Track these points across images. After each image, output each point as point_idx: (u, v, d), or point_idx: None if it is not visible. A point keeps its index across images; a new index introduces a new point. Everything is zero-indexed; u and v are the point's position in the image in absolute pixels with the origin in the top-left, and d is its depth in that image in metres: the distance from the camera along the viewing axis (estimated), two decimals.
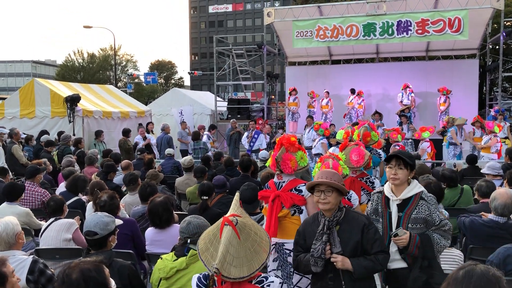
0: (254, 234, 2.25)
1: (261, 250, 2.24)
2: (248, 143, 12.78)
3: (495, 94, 15.29)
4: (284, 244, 3.79)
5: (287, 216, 3.82)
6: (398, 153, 3.24)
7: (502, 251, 3.30)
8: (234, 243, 2.17)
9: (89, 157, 8.52)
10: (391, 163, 3.22)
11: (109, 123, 12.98)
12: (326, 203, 2.96)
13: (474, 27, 14.27)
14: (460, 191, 5.49)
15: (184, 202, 6.93)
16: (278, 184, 3.94)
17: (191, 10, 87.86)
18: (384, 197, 3.32)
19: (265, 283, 2.26)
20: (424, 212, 3.15)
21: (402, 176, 3.18)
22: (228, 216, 2.26)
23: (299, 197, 3.80)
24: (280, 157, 3.84)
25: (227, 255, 2.14)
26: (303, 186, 3.76)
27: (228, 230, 2.18)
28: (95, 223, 3.24)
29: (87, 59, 57.56)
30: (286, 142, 3.93)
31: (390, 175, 3.20)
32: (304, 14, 15.13)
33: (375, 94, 17.40)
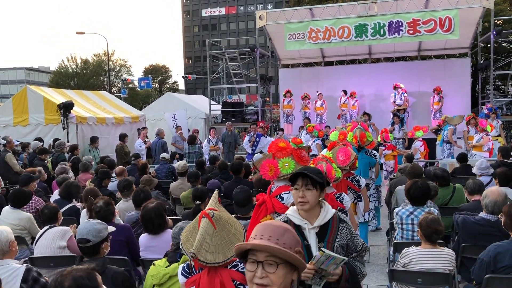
0: (229, 225, 2.56)
1: (236, 239, 2.51)
2: (250, 147, 12.75)
3: (487, 92, 15.39)
4: None
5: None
6: (304, 170, 2.64)
7: (493, 248, 3.33)
8: (210, 233, 2.46)
9: (84, 164, 8.50)
10: (297, 183, 2.61)
11: (103, 129, 12.96)
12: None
13: (465, 26, 14.37)
14: (452, 190, 5.53)
15: (179, 207, 6.94)
16: (272, 189, 3.88)
17: (184, 14, 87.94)
18: (293, 227, 2.55)
19: (239, 267, 2.53)
20: (346, 236, 2.66)
21: (312, 198, 2.58)
22: (205, 210, 2.56)
23: (280, 204, 3.68)
24: (260, 161, 3.83)
25: (203, 243, 2.42)
26: (287, 193, 3.67)
27: (205, 221, 2.49)
28: (88, 231, 3.25)
29: (81, 65, 57.42)
30: (274, 147, 3.85)
31: (298, 198, 2.58)
32: (296, 16, 15.19)
33: (368, 95, 17.49)
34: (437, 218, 3.72)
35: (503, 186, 5.33)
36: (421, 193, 4.33)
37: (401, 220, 4.46)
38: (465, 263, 4.14)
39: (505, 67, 17.73)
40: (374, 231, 7.45)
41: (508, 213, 3.35)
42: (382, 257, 6.31)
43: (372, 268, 5.99)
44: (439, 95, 15.36)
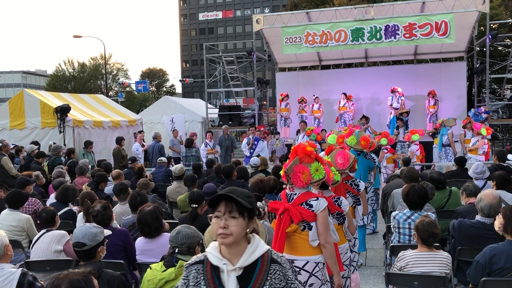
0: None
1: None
2: (248, 150, 12.77)
3: (483, 96, 15.45)
4: (294, 262, 3.49)
5: (296, 232, 3.50)
6: (230, 191, 2.04)
7: (488, 250, 3.35)
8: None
9: (80, 167, 8.48)
10: (218, 209, 2.03)
11: (100, 133, 12.96)
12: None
13: (461, 30, 14.45)
14: (448, 193, 5.54)
15: (176, 211, 6.93)
16: (289, 196, 3.60)
17: (181, 17, 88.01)
18: (209, 268, 2.09)
19: None
20: (279, 283, 2.08)
21: (237, 230, 2.00)
22: None
23: (309, 212, 3.46)
24: (291, 169, 3.47)
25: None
26: (315, 200, 3.48)
27: None
28: (84, 234, 3.25)
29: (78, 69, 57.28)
30: (300, 152, 3.54)
31: (218, 229, 2.01)
32: (293, 20, 15.24)
33: (365, 98, 17.55)
34: (434, 221, 3.73)
35: (499, 189, 5.35)
36: (419, 197, 4.35)
37: (398, 224, 4.47)
38: (461, 266, 4.15)
39: (500, 70, 17.79)
40: (371, 234, 7.46)
41: (507, 217, 3.36)
42: (379, 260, 6.32)
43: (369, 271, 5.99)
44: (434, 99, 15.46)
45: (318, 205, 3.47)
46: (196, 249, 3.18)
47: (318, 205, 3.47)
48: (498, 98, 16.35)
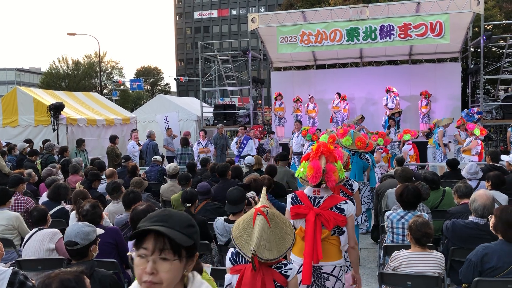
0: (281, 223, 2.67)
1: (287, 236, 2.62)
2: (237, 149, 12.78)
3: (477, 96, 15.53)
4: (322, 268, 3.42)
5: (326, 237, 3.43)
6: (162, 221, 1.51)
7: (480, 249, 3.37)
8: (266, 230, 2.55)
9: (73, 166, 8.43)
10: (145, 245, 1.49)
11: (93, 131, 12.89)
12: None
13: (456, 30, 14.50)
14: (442, 193, 5.55)
15: None
16: (313, 199, 3.46)
17: (177, 16, 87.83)
18: None
19: (283, 269, 2.60)
20: None
21: (170, 276, 1.47)
22: (259, 207, 2.63)
23: (341, 217, 3.37)
24: (325, 168, 3.34)
25: (261, 240, 2.49)
26: (345, 204, 3.42)
27: (261, 219, 2.56)
28: (76, 233, 3.22)
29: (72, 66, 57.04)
30: (326, 151, 3.41)
31: (143, 275, 1.47)
32: (288, 19, 15.23)
33: (360, 98, 17.58)
34: (427, 221, 3.73)
35: (494, 189, 5.37)
36: (413, 197, 4.35)
37: (391, 223, 4.47)
38: (454, 266, 4.16)
39: (495, 71, 17.88)
40: (365, 234, 7.46)
41: (499, 217, 3.38)
42: (373, 260, 6.32)
43: (362, 271, 5.99)
44: (427, 99, 15.56)
45: (349, 208, 3.43)
46: None
47: (348, 208, 3.43)
48: (492, 99, 16.43)
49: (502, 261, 3.29)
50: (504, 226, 3.33)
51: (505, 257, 3.28)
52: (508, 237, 3.33)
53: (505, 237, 3.33)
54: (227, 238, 4.59)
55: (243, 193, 4.71)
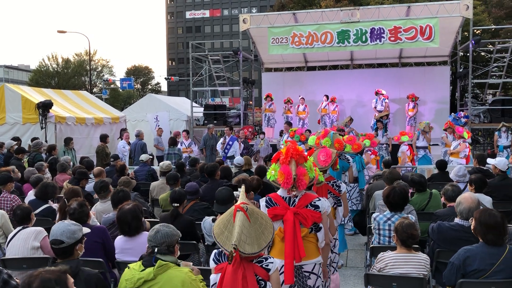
0: (261, 218, 2.77)
1: (267, 231, 2.71)
2: (222, 149, 12.79)
3: (465, 100, 15.70)
4: (303, 267, 3.46)
5: (305, 236, 3.46)
6: None
7: (462, 252, 3.40)
8: (246, 225, 2.64)
9: (61, 164, 8.37)
10: None
11: (82, 129, 12.80)
12: None
13: (445, 34, 14.65)
14: (429, 196, 5.59)
15: (158, 209, 6.88)
16: (288, 199, 3.52)
17: (168, 15, 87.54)
18: None
19: (264, 263, 2.69)
20: None
21: None
22: (238, 204, 2.73)
23: (317, 214, 3.45)
24: (296, 174, 3.40)
25: (241, 235, 2.58)
26: (319, 201, 3.50)
27: (240, 215, 2.65)
28: (62, 232, 3.20)
29: (62, 64, 56.50)
30: (295, 154, 3.47)
31: None
32: (280, 21, 15.26)
33: (349, 100, 17.69)
34: (413, 223, 3.77)
35: (478, 192, 5.43)
36: (399, 198, 4.39)
37: (378, 225, 4.49)
38: (439, 268, 4.19)
39: (483, 75, 18.09)
40: (352, 235, 7.50)
41: (478, 220, 3.42)
42: (360, 261, 6.36)
43: (349, 272, 6.03)
44: (414, 102, 15.74)
45: (323, 204, 3.51)
46: (175, 247, 3.15)
47: (323, 205, 3.51)
48: (480, 103, 16.60)
49: (484, 263, 3.32)
50: (483, 228, 3.37)
51: (486, 260, 3.31)
52: (487, 239, 3.36)
53: (485, 240, 3.38)
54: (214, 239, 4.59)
55: (232, 193, 4.70)
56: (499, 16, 26.43)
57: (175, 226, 3.44)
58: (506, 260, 3.28)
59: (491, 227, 3.34)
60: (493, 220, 3.35)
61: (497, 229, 3.33)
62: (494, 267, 3.29)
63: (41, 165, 8.25)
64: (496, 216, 3.36)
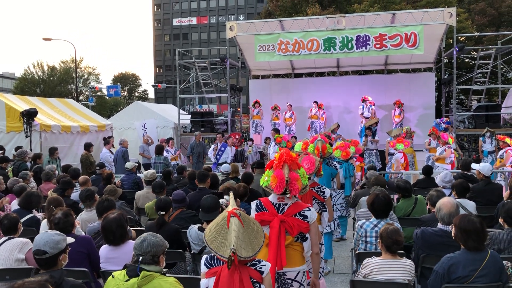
0: (252, 223, 2.84)
1: (259, 235, 2.79)
2: (214, 156, 12.77)
3: (450, 106, 15.90)
4: (286, 274, 3.49)
5: (290, 243, 3.48)
6: None
7: (446, 260, 3.41)
8: (241, 230, 2.70)
9: (46, 173, 8.28)
10: None
11: (67, 138, 12.69)
12: None
13: (430, 41, 14.85)
14: (414, 201, 5.64)
15: (144, 218, 6.83)
16: (277, 206, 3.52)
17: (155, 22, 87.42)
18: None
19: (257, 266, 2.77)
20: None
21: None
22: (231, 210, 2.77)
23: (305, 224, 3.45)
24: (289, 177, 3.39)
25: (238, 240, 2.64)
26: (308, 211, 3.50)
27: (235, 220, 2.71)
28: (45, 242, 3.16)
29: (48, 72, 55.96)
30: (289, 159, 3.46)
31: None
32: (266, 28, 15.34)
33: (336, 107, 17.82)
34: (397, 229, 3.80)
35: (460, 198, 5.50)
36: (384, 205, 4.42)
37: (365, 233, 4.51)
38: (424, 274, 4.22)
39: (467, 82, 18.35)
40: (339, 241, 7.52)
41: (458, 226, 3.45)
42: (347, 268, 6.37)
43: (337, 278, 6.04)
44: (400, 108, 15.93)
45: (312, 215, 3.50)
46: (160, 258, 3.11)
47: (312, 215, 3.50)
48: (465, 109, 16.83)
49: (467, 270, 3.34)
50: (463, 235, 3.39)
51: (469, 266, 3.33)
52: (468, 246, 3.38)
53: (466, 246, 3.39)
54: (200, 247, 4.58)
55: (217, 201, 4.70)
56: (482, 23, 26.90)
57: (160, 234, 3.42)
58: (489, 265, 3.31)
59: (471, 233, 3.36)
60: (472, 226, 3.37)
61: (477, 235, 3.36)
62: (477, 272, 3.32)
63: (25, 174, 8.17)
64: (475, 222, 3.38)
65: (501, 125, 14.68)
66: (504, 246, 4.00)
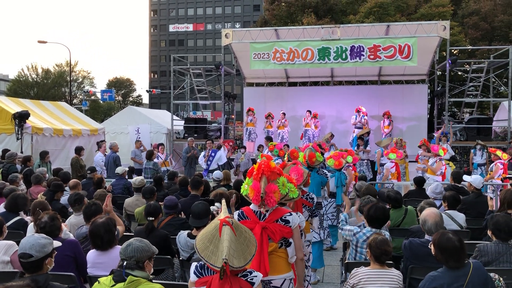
0: (245, 231, 2.78)
1: (251, 244, 2.74)
2: (205, 162, 12.74)
3: (443, 118, 16.02)
4: (272, 282, 3.47)
5: (274, 250, 3.49)
6: None
7: (429, 280, 3.32)
8: (233, 239, 2.64)
9: (36, 176, 8.22)
10: None
11: (59, 141, 12.61)
12: None
13: (423, 54, 14.98)
14: (404, 212, 5.66)
15: (135, 223, 6.78)
16: (259, 213, 3.52)
17: (151, 28, 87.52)
18: None
19: (249, 277, 2.70)
20: None
21: None
22: (224, 218, 2.71)
23: (287, 228, 3.46)
24: (264, 191, 3.38)
25: (230, 249, 2.57)
26: (290, 215, 3.49)
27: (227, 229, 2.64)
28: (31, 245, 3.13)
29: (42, 75, 55.73)
30: (267, 170, 3.46)
31: None
32: (262, 36, 15.41)
33: (329, 116, 17.89)
34: (386, 239, 3.80)
35: (450, 209, 5.52)
36: (382, 214, 4.43)
37: (356, 242, 4.51)
38: (413, 284, 4.22)
39: (460, 94, 18.50)
40: (329, 250, 7.50)
41: (437, 245, 3.39)
42: (336, 277, 6.35)
43: None
44: (389, 119, 16.03)
45: (294, 219, 3.49)
46: (145, 263, 3.08)
47: (294, 220, 3.49)
48: (457, 121, 16.96)
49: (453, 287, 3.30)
50: (443, 254, 3.33)
51: (454, 284, 3.28)
52: (449, 265, 3.31)
53: (447, 265, 3.33)
54: (189, 254, 4.55)
55: (208, 207, 4.68)
56: (475, 37, 27.20)
57: (149, 240, 3.40)
58: (473, 278, 3.28)
59: (451, 251, 3.29)
60: (451, 244, 3.30)
61: (457, 253, 3.29)
62: None
63: (15, 176, 8.09)
64: (453, 240, 3.32)
65: (492, 138, 14.80)
66: (492, 259, 4.01)
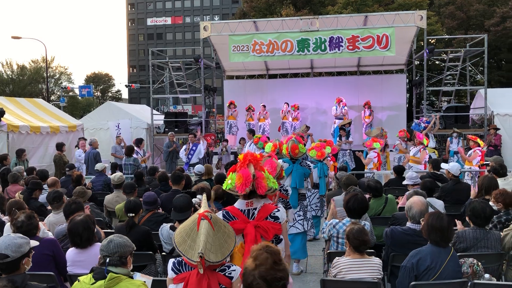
0: (224, 226, 2.79)
1: (230, 240, 2.73)
2: (186, 156, 12.68)
3: (421, 107, 16.20)
4: None
5: None
6: None
7: (413, 254, 3.55)
8: (211, 234, 2.64)
9: (13, 175, 8.05)
10: None
11: (36, 138, 12.37)
12: None
13: (401, 44, 15.09)
14: (384, 201, 5.72)
15: (115, 220, 6.71)
16: (247, 212, 3.42)
17: (129, 22, 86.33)
18: None
19: (227, 271, 2.69)
20: None
21: None
22: (203, 212, 2.71)
23: (278, 225, 3.39)
24: (255, 174, 3.30)
25: (207, 244, 2.58)
26: (278, 211, 3.44)
27: (205, 223, 2.65)
28: (7, 245, 3.07)
29: (17, 71, 54.60)
30: (253, 159, 3.41)
31: None
32: (240, 28, 15.31)
33: (310, 108, 17.94)
34: (363, 228, 3.83)
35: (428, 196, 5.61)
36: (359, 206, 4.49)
37: (337, 233, 4.54)
38: (394, 272, 4.28)
39: (437, 83, 18.74)
40: (312, 240, 7.55)
41: (426, 221, 3.57)
42: (319, 267, 6.41)
43: (309, 278, 6.06)
44: (370, 109, 16.16)
45: (282, 215, 3.47)
46: (128, 259, 3.06)
47: (282, 215, 3.47)
48: (435, 110, 17.17)
49: (435, 261, 3.47)
50: (428, 228, 3.53)
51: (436, 258, 3.46)
52: (430, 239, 3.53)
53: (429, 240, 3.55)
54: (171, 246, 4.52)
55: (190, 200, 4.66)
56: (452, 26, 27.57)
57: (130, 236, 3.37)
58: (450, 262, 3.42)
59: (436, 228, 3.49)
60: (439, 223, 3.50)
61: (442, 231, 3.48)
62: (443, 267, 3.41)
63: None
64: (443, 220, 3.51)
65: (470, 126, 15.03)
66: (470, 244, 4.09)
